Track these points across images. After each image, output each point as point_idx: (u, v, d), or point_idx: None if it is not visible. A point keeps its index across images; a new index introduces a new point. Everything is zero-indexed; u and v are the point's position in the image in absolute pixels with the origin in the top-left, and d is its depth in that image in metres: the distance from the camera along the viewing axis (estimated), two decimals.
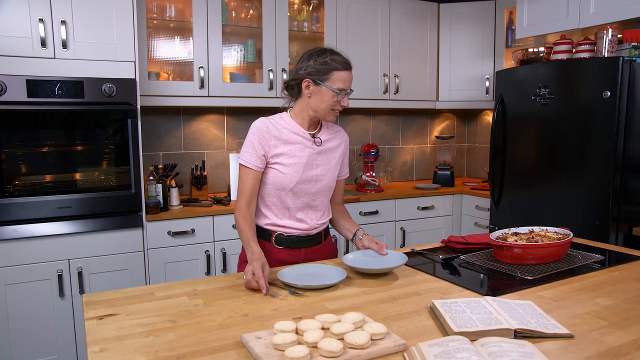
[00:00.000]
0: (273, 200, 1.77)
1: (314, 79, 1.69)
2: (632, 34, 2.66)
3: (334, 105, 1.71)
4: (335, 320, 1.13)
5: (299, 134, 1.76)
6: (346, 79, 1.70)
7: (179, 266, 2.75)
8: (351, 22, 3.43)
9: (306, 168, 1.76)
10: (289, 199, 1.76)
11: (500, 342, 1.03)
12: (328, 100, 1.70)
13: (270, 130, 1.74)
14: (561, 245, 1.69)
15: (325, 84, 1.68)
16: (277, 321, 1.12)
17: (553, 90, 2.78)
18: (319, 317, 1.15)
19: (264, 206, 1.79)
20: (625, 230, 2.58)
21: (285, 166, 1.73)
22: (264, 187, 1.77)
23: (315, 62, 1.69)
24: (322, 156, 1.80)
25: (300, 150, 1.75)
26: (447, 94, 3.85)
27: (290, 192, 1.75)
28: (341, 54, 1.72)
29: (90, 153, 2.56)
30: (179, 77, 3.11)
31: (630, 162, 2.54)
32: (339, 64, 1.68)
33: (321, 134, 1.82)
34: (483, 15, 3.72)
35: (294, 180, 1.74)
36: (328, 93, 1.69)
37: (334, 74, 1.67)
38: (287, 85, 1.81)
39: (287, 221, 1.79)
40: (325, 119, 1.76)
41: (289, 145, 1.74)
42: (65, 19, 2.40)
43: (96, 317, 1.25)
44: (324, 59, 1.68)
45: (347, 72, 1.70)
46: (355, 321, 1.12)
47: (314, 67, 1.69)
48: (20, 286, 2.40)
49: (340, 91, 1.69)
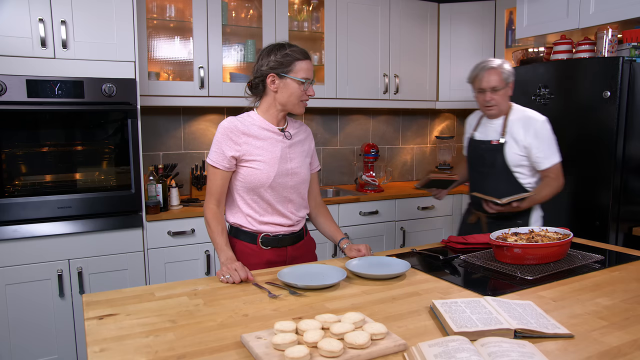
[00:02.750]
0: (254, 198, 1.78)
1: (278, 73, 1.71)
2: (632, 34, 2.66)
3: (302, 96, 1.74)
4: (335, 320, 1.13)
5: (268, 129, 1.77)
6: (308, 68, 1.73)
7: (179, 266, 2.75)
8: (351, 22, 3.43)
9: (281, 162, 1.77)
10: (268, 194, 1.77)
11: (501, 342, 1.03)
12: (295, 91, 1.72)
13: (238, 127, 1.74)
14: (561, 245, 1.69)
15: (290, 75, 1.71)
16: (277, 321, 1.12)
17: (553, 90, 2.78)
18: (319, 317, 1.15)
19: (246, 205, 1.79)
20: (625, 230, 2.58)
21: (261, 162, 1.74)
22: (242, 186, 1.77)
23: (276, 56, 1.71)
24: (294, 149, 1.82)
25: (273, 145, 1.77)
26: (447, 94, 3.85)
27: (269, 187, 1.76)
28: (297, 46, 1.76)
29: (90, 153, 2.56)
30: (179, 77, 3.11)
31: (630, 162, 2.54)
32: (299, 54, 1.72)
33: (289, 128, 1.84)
34: (483, 15, 3.72)
35: (271, 176, 1.74)
36: (294, 84, 1.71)
37: (296, 64, 1.71)
38: (250, 85, 1.81)
39: (271, 217, 1.79)
40: (294, 111, 1.77)
41: (260, 141, 1.75)
42: (65, 19, 2.40)
43: (96, 317, 1.25)
44: (284, 51, 1.71)
45: (308, 62, 1.73)
46: (355, 321, 1.12)
47: (275, 61, 1.71)
48: (20, 286, 2.39)
49: (305, 80, 1.72)
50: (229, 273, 1.54)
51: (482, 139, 2.24)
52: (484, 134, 2.25)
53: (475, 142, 2.27)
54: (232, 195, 1.81)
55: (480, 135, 2.27)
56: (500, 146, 2.15)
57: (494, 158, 2.17)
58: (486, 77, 2.12)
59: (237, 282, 1.52)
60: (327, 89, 3.36)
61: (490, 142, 2.19)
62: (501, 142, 2.15)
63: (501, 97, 2.14)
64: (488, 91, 2.13)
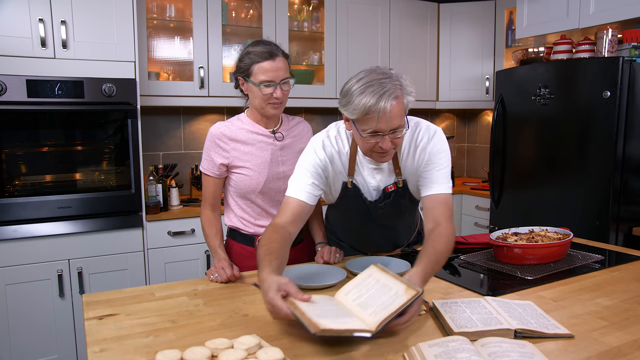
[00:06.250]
0: (247, 203, 1.76)
1: (242, 76, 1.65)
2: (632, 34, 2.66)
3: (268, 99, 1.62)
4: (227, 346, 1.03)
5: (257, 132, 1.71)
6: (269, 69, 1.59)
7: (179, 266, 2.75)
8: (351, 22, 3.43)
9: (272, 166, 1.71)
10: (259, 199, 1.73)
11: (501, 342, 1.03)
12: (258, 95, 1.62)
13: (225, 134, 1.70)
14: (561, 245, 1.69)
15: (250, 80, 1.62)
16: (159, 350, 1.02)
17: (553, 90, 2.78)
18: (210, 342, 1.04)
19: (240, 209, 1.77)
20: (625, 230, 2.58)
21: (250, 169, 1.69)
22: (234, 191, 1.75)
23: (239, 59, 1.65)
24: (287, 151, 1.75)
25: (261, 149, 1.70)
26: (447, 94, 3.85)
27: (260, 193, 1.71)
28: (265, 43, 1.64)
29: (90, 153, 2.55)
30: (179, 77, 3.11)
31: (630, 162, 2.54)
32: (257, 55, 1.59)
33: (282, 128, 1.76)
34: (483, 15, 3.72)
35: (261, 181, 1.69)
36: (255, 88, 1.62)
37: (254, 67, 1.60)
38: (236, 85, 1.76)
39: (266, 221, 1.75)
40: (266, 115, 1.68)
41: (248, 146, 1.70)
42: (65, 19, 2.40)
43: (96, 317, 1.25)
44: (244, 54, 1.63)
45: (269, 62, 1.59)
46: (249, 347, 1.02)
47: (238, 64, 1.65)
48: (20, 286, 2.39)
49: (267, 83, 1.60)
50: (217, 272, 1.55)
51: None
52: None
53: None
54: (227, 199, 1.80)
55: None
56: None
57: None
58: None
59: (224, 281, 1.52)
60: (327, 89, 3.36)
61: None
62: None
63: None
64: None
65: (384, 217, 1.67)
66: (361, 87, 1.34)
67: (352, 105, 1.35)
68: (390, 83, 1.33)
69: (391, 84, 1.33)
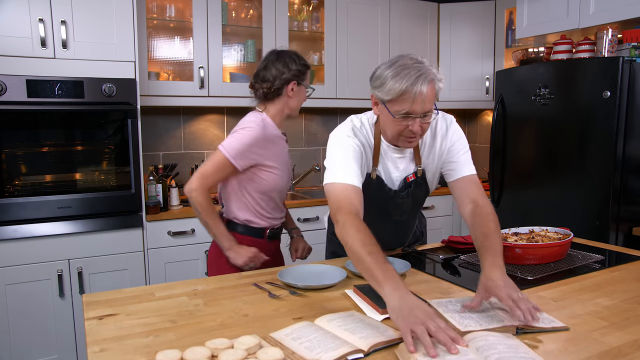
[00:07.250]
0: (264, 198, 1.84)
1: (298, 81, 1.83)
2: (632, 34, 2.66)
3: (304, 102, 1.91)
4: (227, 347, 1.03)
5: (279, 134, 1.86)
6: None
7: (179, 266, 2.75)
8: (351, 22, 3.43)
9: (289, 166, 1.91)
10: (276, 195, 1.87)
11: (487, 335, 1.05)
12: (304, 98, 1.88)
13: (267, 137, 1.76)
14: (561, 245, 1.69)
15: (304, 84, 1.86)
16: (160, 351, 1.02)
17: (553, 90, 2.78)
18: (210, 342, 1.04)
19: (257, 204, 1.83)
20: (625, 230, 2.58)
21: (279, 168, 1.81)
22: (257, 189, 1.80)
23: (297, 65, 1.82)
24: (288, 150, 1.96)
25: (283, 150, 1.86)
26: (447, 94, 3.85)
27: (281, 191, 1.88)
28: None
29: (90, 153, 2.55)
30: (179, 77, 3.11)
31: (630, 162, 2.54)
32: (308, 65, 1.89)
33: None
34: (483, 15, 3.72)
35: (286, 180, 1.88)
36: (304, 91, 1.88)
37: (308, 73, 1.88)
38: (270, 87, 1.80)
39: (277, 214, 1.92)
40: (294, 116, 1.91)
41: (277, 146, 1.82)
42: (65, 19, 2.40)
43: (96, 317, 1.25)
44: (301, 61, 1.84)
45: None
46: (250, 347, 1.02)
47: (297, 69, 1.82)
48: (20, 286, 2.39)
49: (312, 88, 1.92)
50: (251, 261, 1.74)
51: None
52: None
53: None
54: (241, 194, 1.81)
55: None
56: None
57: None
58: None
59: (259, 266, 1.73)
60: (327, 89, 3.36)
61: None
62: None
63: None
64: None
65: (403, 207, 1.70)
66: (397, 69, 1.36)
67: (388, 86, 1.37)
68: (425, 68, 1.37)
69: (425, 68, 1.37)
